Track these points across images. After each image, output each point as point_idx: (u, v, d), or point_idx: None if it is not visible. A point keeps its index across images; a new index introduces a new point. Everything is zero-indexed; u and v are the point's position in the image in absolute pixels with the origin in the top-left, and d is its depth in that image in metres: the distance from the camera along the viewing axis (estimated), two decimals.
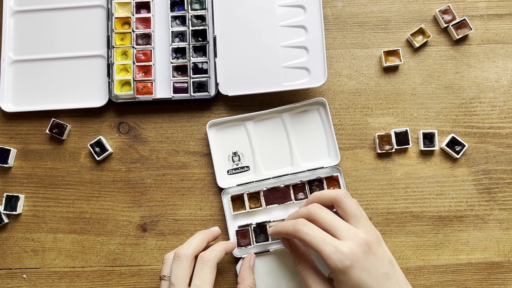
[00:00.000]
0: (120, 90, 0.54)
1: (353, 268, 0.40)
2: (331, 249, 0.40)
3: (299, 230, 0.43)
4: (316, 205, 0.45)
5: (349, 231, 0.42)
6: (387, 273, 0.41)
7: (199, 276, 0.44)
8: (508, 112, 0.54)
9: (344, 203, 0.44)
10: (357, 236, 0.41)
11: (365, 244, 0.41)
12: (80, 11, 0.56)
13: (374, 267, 0.41)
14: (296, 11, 0.53)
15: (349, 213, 0.44)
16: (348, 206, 0.44)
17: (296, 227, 0.43)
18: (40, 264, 0.54)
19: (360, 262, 0.40)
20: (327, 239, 0.41)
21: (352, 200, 0.44)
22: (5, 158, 0.54)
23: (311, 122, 0.54)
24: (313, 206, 0.45)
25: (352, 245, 0.41)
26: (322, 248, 0.41)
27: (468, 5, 0.56)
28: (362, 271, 0.40)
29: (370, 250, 0.41)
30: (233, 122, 0.54)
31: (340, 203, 0.44)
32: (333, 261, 0.40)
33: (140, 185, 0.54)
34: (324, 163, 0.53)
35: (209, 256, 0.45)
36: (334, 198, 0.45)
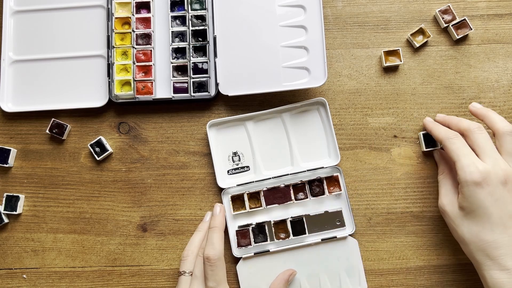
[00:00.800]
0: (120, 90, 0.54)
1: (481, 187, 0.41)
2: (468, 162, 0.42)
3: (448, 138, 0.45)
4: (479, 125, 0.45)
5: (495, 160, 0.42)
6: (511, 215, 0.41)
7: (212, 278, 0.45)
8: (508, 112, 0.54)
9: (506, 138, 0.44)
10: (500, 165, 0.42)
11: (504, 176, 0.41)
12: (80, 11, 0.56)
13: (503, 200, 0.41)
14: (296, 11, 0.53)
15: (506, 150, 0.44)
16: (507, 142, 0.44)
17: (448, 134, 0.45)
18: (40, 264, 0.54)
19: (491, 186, 0.41)
20: (470, 155, 0.43)
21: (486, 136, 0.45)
22: (5, 158, 0.54)
23: (311, 122, 0.54)
24: (475, 124, 0.45)
25: (490, 168, 0.41)
26: (460, 159, 0.42)
27: (468, 5, 0.56)
28: (489, 195, 0.41)
29: (506, 183, 0.41)
30: (233, 122, 0.54)
31: (502, 137, 0.44)
32: (464, 172, 0.41)
33: (140, 185, 0.54)
34: (324, 163, 0.53)
35: (214, 255, 0.46)
36: (497, 130, 0.45)
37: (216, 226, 0.48)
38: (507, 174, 0.42)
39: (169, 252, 0.53)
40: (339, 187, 0.52)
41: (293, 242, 0.51)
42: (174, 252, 0.53)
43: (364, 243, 0.52)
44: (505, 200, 0.41)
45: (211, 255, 0.45)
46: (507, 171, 0.42)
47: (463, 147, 0.44)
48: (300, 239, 0.51)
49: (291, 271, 0.50)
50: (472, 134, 0.45)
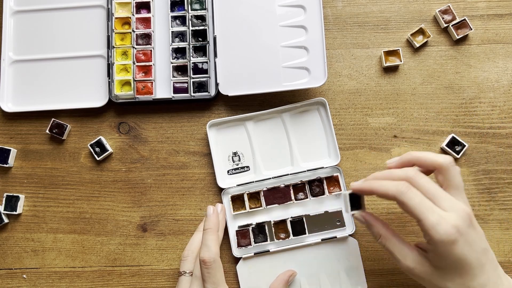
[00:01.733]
0: (120, 90, 0.54)
1: (457, 242, 0.38)
2: (437, 219, 0.38)
3: (403, 192, 0.39)
4: (415, 170, 0.42)
5: (451, 202, 0.40)
6: (486, 248, 0.40)
7: (209, 280, 0.45)
8: (508, 112, 0.54)
9: (451, 172, 0.41)
10: (459, 208, 0.39)
11: (468, 217, 0.39)
12: (80, 11, 0.56)
13: (475, 242, 0.39)
14: (296, 11, 0.53)
15: (453, 184, 0.41)
16: (453, 176, 0.41)
17: (401, 189, 0.40)
18: (40, 264, 0.54)
19: (464, 236, 0.38)
20: (434, 208, 0.39)
21: (458, 170, 0.42)
22: (5, 158, 0.54)
23: (311, 122, 0.54)
24: (412, 170, 0.41)
25: (456, 217, 0.39)
26: (426, 217, 0.38)
27: (468, 5, 0.56)
28: (465, 245, 0.38)
29: (471, 223, 0.39)
30: (233, 122, 0.54)
31: (446, 171, 0.41)
32: (437, 232, 0.38)
33: (140, 185, 0.54)
34: (324, 163, 0.53)
35: (209, 257, 0.45)
36: (440, 166, 0.42)
37: (210, 228, 0.48)
38: (469, 213, 0.40)
39: (169, 252, 0.53)
40: (339, 187, 0.52)
41: (293, 242, 0.51)
42: (174, 252, 0.53)
43: (364, 243, 0.52)
44: (475, 239, 0.39)
45: (206, 257, 0.45)
46: (467, 210, 0.40)
47: (423, 201, 0.39)
48: (300, 239, 0.51)
49: (291, 272, 0.50)
50: (416, 181, 0.40)
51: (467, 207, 0.41)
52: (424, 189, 0.40)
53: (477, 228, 0.40)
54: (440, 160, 0.42)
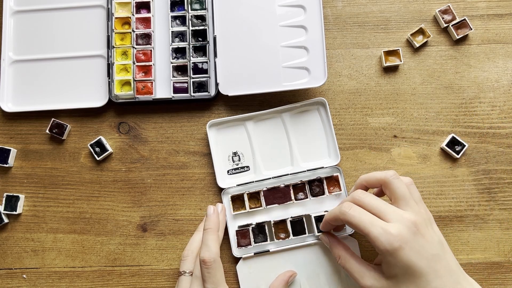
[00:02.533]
0: (120, 90, 0.54)
1: (402, 249, 0.40)
2: (379, 231, 0.40)
3: (345, 212, 0.43)
4: (360, 191, 0.44)
5: (395, 213, 0.41)
6: (437, 254, 0.41)
7: (209, 280, 0.45)
8: (508, 112, 0.54)
9: (393, 184, 0.43)
10: (404, 217, 0.41)
11: (413, 225, 0.41)
12: (80, 11, 0.56)
13: (423, 248, 0.40)
14: (296, 11, 0.53)
15: (397, 195, 0.43)
16: (396, 188, 0.43)
17: (342, 210, 0.43)
18: (40, 264, 0.54)
19: (409, 243, 0.40)
20: (375, 221, 0.41)
21: (401, 182, 0.44)
22: (5, 158, 0.54)
23: (311, 122, 0.54)
24: (357, 192, 0.44)
25: (400, 226, 0.40)
26: (370, 230, 0.40)
27: (468, 5, 0.56)
28: (411, 252, 0.40)
29: (418, 231, 0.41)
30: (233, 122, 0.54)
31: (388, 184, 0.44)
32: (381, 242, 0.40)
33: (140, 185, 0.54)
34: (324, 163, 0.53)
35: (209, 257, 0.45)
36: (383, 180, 0.44)
37: (210, 228, 0.48)
38: (413, 221, 0.41)
39: (169, 252, 0.53)
40: (339, 187, 0.52)
41: (293, 242, 0.51)
42: (174, 252, 0.53)
43: (364, 243, 0.52)
44: (424, 246, 0.40)
45: (206, 257, 0.45)
46: (411, 219, 0.41)
47: (364, 216, 0.42)
48: (300, 239, 0.51)
49: (291, 273, 0.50)
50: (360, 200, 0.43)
51: (414, 215, 0.42)
52: (369, 206, 0.43)
53: (426, 235, 0.41)
54: (381, 176, 0.44)
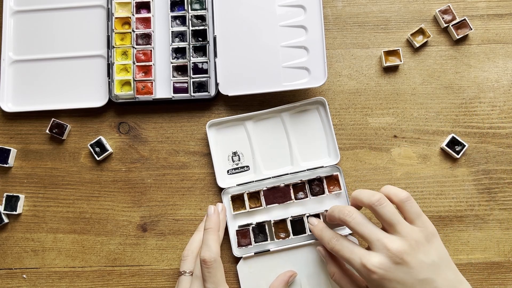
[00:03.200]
0: (120, 90, 0.54)
1: (383, 280, 0.40)
2: (360, 264, 0.41)
3: (333, 246, 0.44)
4: (349, 210, 0.44)
5: (379, 242, 0.41)
6: (425, 279, 0.40)
7: (210, 280, 0.45)
8: (508, 112, 0.54)
9: (377, 211, 0.43)
10: (386, 248, 0.40)
11: (396, 256, 0.40)
12: (80, 11, 0.56)
13: (408, 276, 0.40)
14: (296, 11, 0.53)
15: (384, 221, 0.43)
16: (382, 214, 0.43)
17: (331, 243, 0.44)
18: (40, 264, 0.54)
19: (390, 273, 0.40)
20: (354, 253, 0.42)
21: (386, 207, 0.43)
22: (5, 158, 0.54)
23: (311, 122, 0.54)
24: (345, 212, 0.44)
25: (381, 257, 0.40)
26: (352, 263, 0.42)
27: (468, 5, 0.56)
28: (395, 282, 0.40)
29: (402, 260, 0.40)
30: (233, 122, 0.54)
31: (373, 211, 0.44)
32: (362, 274, 0.41)
33: (140, 185, 0.54)
34: (324, 162, 0.53)
35: (209, 256, 0.45)
36: (368, 206, 0.44)
37: (211, 227, 0.48)
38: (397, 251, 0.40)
39: (169, 252, 0.53)
40: (339, 187, 0.52)
41: (293, 241, 0.51)
42: (174, 252, 0.53)
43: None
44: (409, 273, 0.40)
45: (207, 257, 0.45)
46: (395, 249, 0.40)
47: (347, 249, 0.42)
48: (300, 239, 0.51)
49: (291, 273, 0.50)
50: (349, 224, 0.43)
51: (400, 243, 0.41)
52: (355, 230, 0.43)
53: (411, 262, 0.40)
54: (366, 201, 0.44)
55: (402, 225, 0.42)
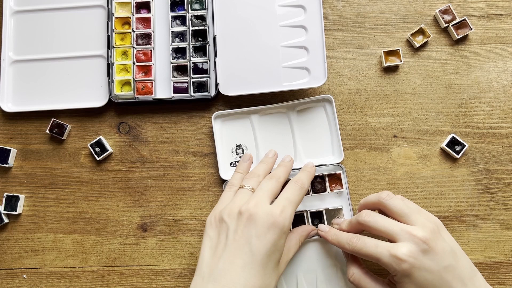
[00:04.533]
0: (120, 90, 0.54)
1: (413, 269, 0.40)
2: (389, 257, 0.40)
3: (354, 246, 0.43)
4: (365, 212, 0.44)
5: (404, 232, 0.41)
6: (449, 265, 0.40)
7: (290, 191, 0.45)
8: (508, 112, 0.54)
9: (388, 205, 0.43)
10: (412, 235, 0.41)
11: (423, 242, 0.40)
12: (80, 11, 0.56)
13: (435, 263, 0.40)
14: (296, 11, 0.53)
15: (397, 214, 0.43)
16: (393, 207, 0.43)
17: (351, 243, 0.43)
18: (40, 264, 0.54)
19: (419, 261, 0.40)
20: (380, 246, 0.41)
21: (396, 199, 0.44)
22: (5, 158, 0.54)
23: (317, 119, 0.54)
24: (362, 214, 0.44)
25: (409, 246, 0.40)
26: (379, 257, 0.41)
27: (468, 5, 0.56)
28: (424, 270, 0.40)
29: (428, 247, 0.40)
30: (239, 114, 0.54)
31: (384, 206, 0.44)
32: (391, 266, 0.40)
33: (140, 185, 0.54)
34: (327, 160, 0.53)
35: (303, 179, 0.46)
36: (377, 203, 0.44)
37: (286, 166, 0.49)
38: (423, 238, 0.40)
39: (169, 252, 0.53)
40: (341, 185, 0.52)
41: None
42: (174, 252, 0.53)
43: None
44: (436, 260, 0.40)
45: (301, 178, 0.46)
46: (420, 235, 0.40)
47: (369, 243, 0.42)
48: None
49: (311, 228, 0.50)
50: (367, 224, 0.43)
51: (423, 230, 0.41)
52: (376, 229, 0.43)
53: (436, 248, 0.40)
54: (374, 199, 0.45)
55: (415, 215, 0.42)
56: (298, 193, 0.45)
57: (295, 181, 0.46)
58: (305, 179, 0.47)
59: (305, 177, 0.47)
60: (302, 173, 0.48)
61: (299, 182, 0.46)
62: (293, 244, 0.47)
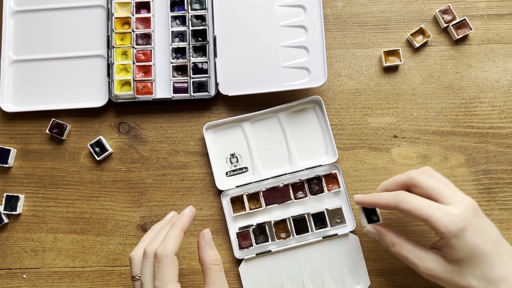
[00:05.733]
0: (120, 90, 0.54)
1: (466, 230, 0.39)
2: (441, 213, 0.39)
3: (401, 200, 0.41)
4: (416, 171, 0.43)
5: (456, 196, 0.41)
6: (500, 237, 0.40)
7: (158, 276, 0.40)
8: (508, 112, 0.54)
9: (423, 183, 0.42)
10: (464, 199, 0.40)
11: (474, 207, 0.40)
12: (80, 11, 0.56)
13: (486, 231, 0.40)
14: (296, 11, 0.53)
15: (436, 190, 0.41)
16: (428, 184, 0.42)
17: (399, 198, 0.41)
18: (40, 264, 0.54)
19: (472, 224, 0.39)
20: (434, 205, 0.40)
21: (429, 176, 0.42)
22: (5, 158, 0.54)
23: (308, 121, 0.54)
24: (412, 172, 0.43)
25: (462, 208, 0.40)
26: (431, 214, 0.39)
27: (468, 5, 0.56)
28: (476, 234, 0.39)
29: (479, 213, 0.40)
30: (230, 123, 0.54)
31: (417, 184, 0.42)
32: (444, 224, 0.39)
33: (140, 185, 0.54)
34: (322, 161, 0.53)
35: (162, 251, 0.40)
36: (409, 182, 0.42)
37: (178, 224, 0.43)
38: (474, 204, 0.41)
39: None
40: (338, 185, 0.52)
41: (293, 241, 0.51)
42: None
43: (364, 243, 0.52)
44: (486, 228, 0.40)
45: (159, 251, 0.40)
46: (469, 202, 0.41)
47: (422, 202, 0.40)
48: (301, 238, 0.51)
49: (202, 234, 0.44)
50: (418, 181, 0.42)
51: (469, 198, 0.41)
52: (428, 188, 0.41)
53: (485, 218, 0.41)
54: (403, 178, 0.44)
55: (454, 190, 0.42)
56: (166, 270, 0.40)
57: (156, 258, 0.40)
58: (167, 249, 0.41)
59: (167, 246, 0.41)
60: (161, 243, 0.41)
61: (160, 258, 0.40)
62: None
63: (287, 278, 0.51)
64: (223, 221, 0.53)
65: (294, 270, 0.51)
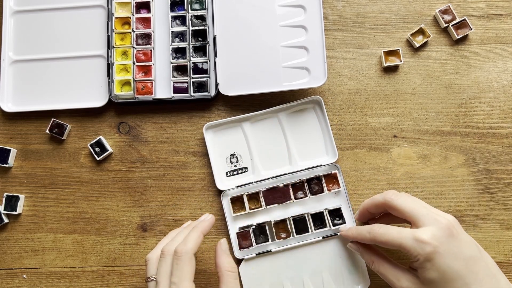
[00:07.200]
0: (120, 90, 0.54)
1: (436, 253, 0.39)
2: (410, 242, 0.40)
3: (374, 235, 0.43)
4: (392, 192, 0.44)
5: (429, 216, 0.41)
6: (475, 256, 0.40)
7: (175, 273, 0.41)
8: (508, 112, 0.54)
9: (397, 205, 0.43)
10: (437, 220, 0.41)
11: (447, 227, 0.40)
12: (80, 11, 0.56)
13: (459, 250, 0.40)
14: (296, 11, 0.53)
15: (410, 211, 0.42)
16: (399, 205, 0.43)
17: (372, 233, 0.43)
18: (40, 264, 0.54)
19: (443, 246, 0.39)
20: (404, 233, 0.41)
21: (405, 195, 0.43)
22: (5, 158, 0.54)
23: (308, 121, 0.54)
24: (389, 193, 0.44)
25: (433, 229, 0.40)
26: (400, 242, 0.40)
27: (468, 5, 0.56)
28: (447, 255, 0.39)
29: (452, 233, 0.40)
30: (230, 123, 0.54)
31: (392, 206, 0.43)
32: (415, 250, 0.40)
33: (140, 185, 0.54)
34: (322, 161, 0.53)
35: (182, 248, 0.42)
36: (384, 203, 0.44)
37: (199, 227, 0.45)
38: (447, 223, 0.41)
39: None
40: (338, 185, 0.52)
41: (293, 241, 0.51)
42: None
43: None
44: (460, 247, 0.40)
45: (179, 249, 0.42)
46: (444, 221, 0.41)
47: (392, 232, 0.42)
48: (301, 238, 0.51)
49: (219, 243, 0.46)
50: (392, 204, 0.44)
51: (446, 217, 0.41)
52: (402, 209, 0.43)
53: (461, 236, 0.41)
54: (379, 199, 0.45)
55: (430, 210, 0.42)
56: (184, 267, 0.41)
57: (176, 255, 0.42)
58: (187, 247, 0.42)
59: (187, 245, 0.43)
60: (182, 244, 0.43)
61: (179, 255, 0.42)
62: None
63: (287, 278, 0.51)
64: (223, 221, 0.53)
65: (294, 270, 0.51)
